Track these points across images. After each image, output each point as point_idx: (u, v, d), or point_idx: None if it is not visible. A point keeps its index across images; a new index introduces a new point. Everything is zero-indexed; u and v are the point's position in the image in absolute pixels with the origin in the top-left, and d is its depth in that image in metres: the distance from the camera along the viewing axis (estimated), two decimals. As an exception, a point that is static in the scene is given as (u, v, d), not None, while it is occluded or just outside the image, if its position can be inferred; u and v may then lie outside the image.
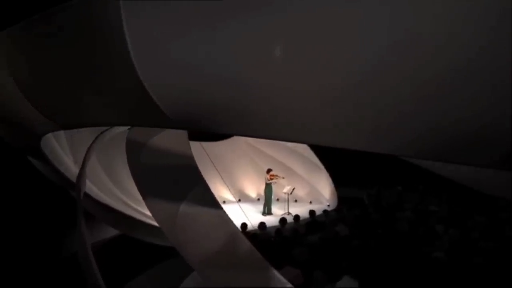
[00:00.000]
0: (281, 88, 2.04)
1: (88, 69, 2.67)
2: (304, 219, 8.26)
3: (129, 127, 5.89)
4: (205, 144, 12.84)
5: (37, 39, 2.90)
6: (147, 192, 4.62)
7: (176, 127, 3.04)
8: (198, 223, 4.49)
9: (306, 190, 12.33)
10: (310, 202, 11.92)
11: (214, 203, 4.75)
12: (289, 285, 4.27)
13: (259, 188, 12.64)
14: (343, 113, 1.93)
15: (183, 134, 5.26)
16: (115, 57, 2.30)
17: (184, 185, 4.70)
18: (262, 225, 7.28)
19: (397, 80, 1.80)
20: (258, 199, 12.57)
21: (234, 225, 4.74)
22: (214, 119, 2.39)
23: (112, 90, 2.71)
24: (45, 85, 3.20)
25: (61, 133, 6.96)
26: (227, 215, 4.82)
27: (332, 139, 2.09)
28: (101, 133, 6.71)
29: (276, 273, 4.32)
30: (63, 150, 6.97)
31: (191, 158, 5.08)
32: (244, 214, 6.97)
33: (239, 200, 12.80)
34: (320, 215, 8.61)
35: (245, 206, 12.11)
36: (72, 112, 3.42)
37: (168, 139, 5.07)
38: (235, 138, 13.19)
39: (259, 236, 6.80)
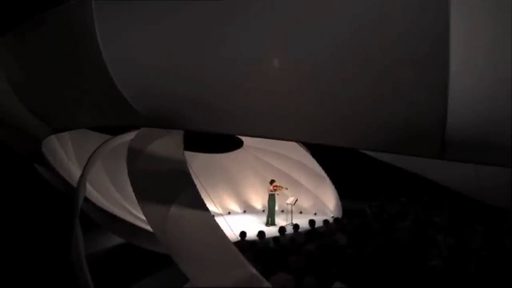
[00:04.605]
0: (245, 84, 2.20)
1: (64, 71, 2.88)
2: (305, 229, 8.28)
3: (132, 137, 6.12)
4: (212, 156, 13.08)
5: (24, 44, 3.15)
6: (141, 196, 4.82)
7: (148, 124, 3.20)
8: (186, 225, 4.64)
9: (311, 201, 12.34)
10: (315, 214, 11.90)
11: (202, 207, 4.90)
12: (266, 284, 4.34)
13: (264, 200, 12.70)
14: (302, 107, 2.06)
15: (179, 142, 5.47)
16: (87, 56, 2.49)
17: (175, 190, 4.88)
18: (261, 233, 7.36)
19: (352, 77, 1.93)
20: (263, 210, 12.62)
21: (220, 228, 4.88)
22: (184, 116, 2.55)
23: (85, 90, 2.90)
24: (33, 87, 3.44)
25: (67, 140, 7.23)
26: (213, 219, 4.97)
27: (299, 134, 2.22)
28: (106, 141, 6.97)
29: (256, 273, 4.41)
30: (69, 157, 7.21)
31: (184, 164, 5.27)
32: (228, 226, 7.00)
33: (244, 211, 12.90)
34: (321, 226, 8.62)
35: (250, 217, 12.22)
36: (57, 114, 3.64)
37: (164, 147, 5.29)
38: (241, 150, 13.34)
39: (258, 244, 6.87)
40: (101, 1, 2.26)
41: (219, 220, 5.68)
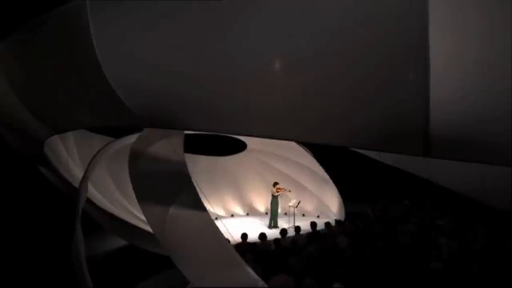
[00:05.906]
0: (239, 83, 2.23)
1: (61, 71, 2.93)
2: (307, 231, 8.27)
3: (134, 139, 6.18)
4: (216, 158, 13.13)
5: (24, 46, 3.22)
6: (142, 197, 4.88)
7: (145, 124, 3.24)
8: (185, 227, 4.70)
9: (314, 204, 12.32)
10: (318, 216, 11.88)
11: (200, 208, 4.95)
12: (261, 283, 4.36)
13: (267, 202, 12.69)
14: (292, 107, 2.09)
15: (179, 144, 5.53)
16: (83, 56, 2.54)
17: (175, 192, 4.94)
18: (262, 235, 7.38)
19: (338, 77, 1.96)
20: (266, 213, 12.62)
21: (218, 229, 4.93)
22: (180, 116, 2.58)
23: (81, 91, 2.96)
24: (32, 88, 3.50)
25: (72, 142, 7.31)
26: (212, 220, 5.01)
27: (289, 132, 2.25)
28: (108, 143, 7.04)
29: (250, 271, 4.43)
30: (73, 159, 7.28)
31: (184, 166, 5.33)
32: (226, 229, 7.00)
33: (247, 214, 12.91)
34: (323, 228, 8.61)
35: (253, 219, 12.22)
36: (56, 115, 3.71)
37: (165, 149, 5.35)
38: (245, 153, 13.36)
39: (259, 246, 6.88)
40: (96, 1, 2.32)
41: (218, 222, 5.71)
